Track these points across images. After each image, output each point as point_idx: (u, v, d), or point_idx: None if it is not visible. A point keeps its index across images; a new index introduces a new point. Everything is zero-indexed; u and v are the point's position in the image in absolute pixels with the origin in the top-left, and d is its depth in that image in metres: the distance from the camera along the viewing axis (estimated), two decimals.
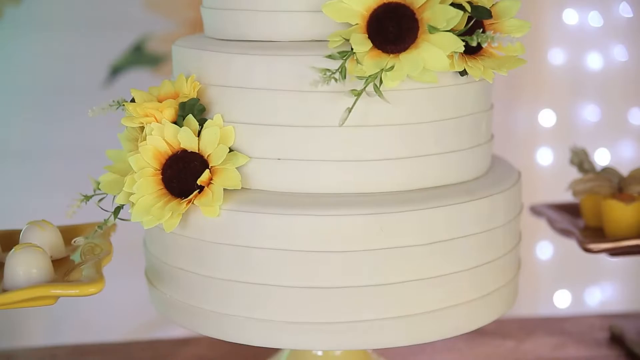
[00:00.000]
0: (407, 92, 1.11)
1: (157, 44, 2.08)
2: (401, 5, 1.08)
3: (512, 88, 2.10)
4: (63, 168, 2.02)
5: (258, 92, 1.13)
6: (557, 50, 2.12)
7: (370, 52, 1.07)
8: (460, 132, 1.17)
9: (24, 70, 2.05)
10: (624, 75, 2.13)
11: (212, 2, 1.23)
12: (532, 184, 2.09)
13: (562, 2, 2.10)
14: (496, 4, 1.15)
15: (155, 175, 1.14)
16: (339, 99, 1.09)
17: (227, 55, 1.15)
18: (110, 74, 2.07)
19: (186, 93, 1.17)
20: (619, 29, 2.11)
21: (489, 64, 1.11)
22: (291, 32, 1.15)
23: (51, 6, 2.02)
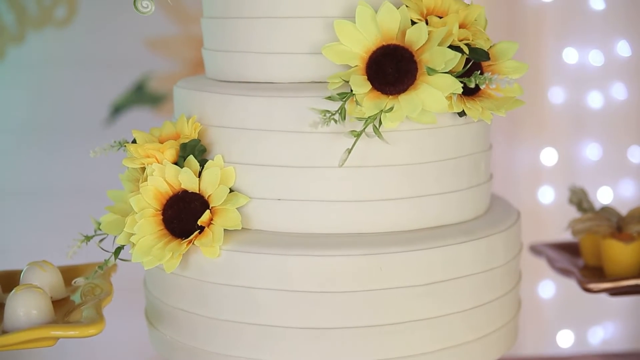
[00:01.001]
0: (406, 132, 1.12)
1: (158, 84, 2.09)
2: (400, 47, 1.09)
3: (514, 126, 2.11)
4: (64, 207, 2.02)
5: (258, 133, 1.14)
6: (558, 89, 2.13)
7: (370, 93, 1.08)
8: (459, 172, 1.18)
9: (25, 108, 2.06)
10: (624, 114, 2.14)
11: (213, 44, 1.25)
12: (534, 222, 2.09)
13: (562, 41, 2.11)
14: (494, 46, 1.16)
15: (156, 216, 1.14)
16: (338, 140, 1.10)
17: (227, 96, 1.16)
18: (112, 113, 2.09)
19: (187, 134, 1.17)
20: (618, 67, 2.12)
21: (487, 105, 1.12)
22: (291, 73, 1.16)
23: (53, 45, 2.04)
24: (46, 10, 2.03)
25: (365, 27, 1.09)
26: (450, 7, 1.13)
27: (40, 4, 2.02)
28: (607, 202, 2.11)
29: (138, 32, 2.05)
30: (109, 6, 2.03)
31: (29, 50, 2.03)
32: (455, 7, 1.13)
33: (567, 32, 2.11)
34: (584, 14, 2.10)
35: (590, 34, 2.10)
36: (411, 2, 1.12)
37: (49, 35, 2.03)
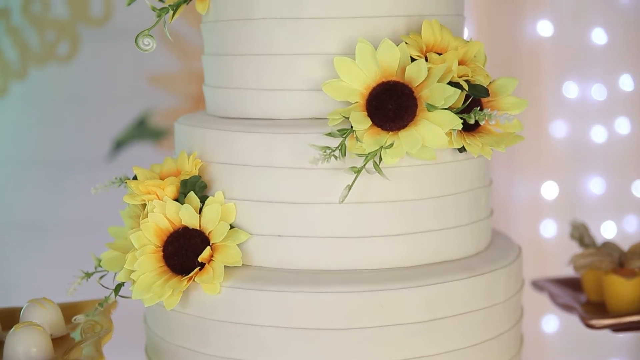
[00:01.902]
0: (406, 168, 1.12)
1: (160, 119, 2.10)
2: (400, 83, 1.10)
3: (515, 160, 2.11)
4: (65, 243, 2.02)
5: (259, 169, 1.14)
6: (560, 123, 2.14)
7: (370, 129, 1.08)
8: (459, 208, 1.18)
9: (27, 144, 2.07)
10: (627, 148, 2.14)
11: (214, 81, 1.25)
12: (536, 256, 2.08)
13: (563, 75, 2.12)
14: (493, 82, 1.17)
15: (156, 253, 1.14)
16: (338, 176, 1.10)
17: (227, 133, 1.17)
18: (114, 148, 2.09)
19: (188, 170, 1.18)
20: (622, 101, 2.13)
21: (487, 141, 1.12)
22: (291, 110, 1.17)
23: (55, 81, 2.06)
24: (49, 47, 2.04)
25: (365, 64, 1.10)
26: (450, 44, 1.14)
27: (43, 40, 2.04)
28: (610, 237, 2.10)
29: (140, 67, 2.07)
30: (111, 42, 2.05)
31: (32, 86, 2.04)
32: (454, 44, 1.14)
33: (567, 66, 2.12)
34: (586, 48, 2.11)
35: (592, 67, 2.11)
36: (410, 39, 1.12)
37: (52, 71, 2.05)
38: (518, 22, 2.10)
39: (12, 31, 2.02)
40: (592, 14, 2.09)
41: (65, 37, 2.05)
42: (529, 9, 2.09)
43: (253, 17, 1.16)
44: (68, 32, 2.05)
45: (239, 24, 1.18)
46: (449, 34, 1.15)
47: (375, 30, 1.14)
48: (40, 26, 2.03)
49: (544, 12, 2.10)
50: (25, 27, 2.03)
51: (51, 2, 2.04)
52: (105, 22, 2.05)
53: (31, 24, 2.03)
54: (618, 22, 2.09)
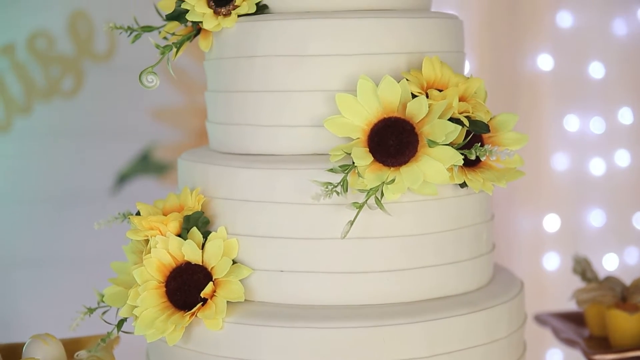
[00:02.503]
0: (408, 204, 1.13)
1: (163, 153, 2.12)
2: (401, 120, 1.10)
3: (517, 193, 2.12)
4: (67, 278, 2.02)
5: (261, 204, 1.15)
6: (561, 156, 2.15)
7: (371, 165, 1.09)
8: (461, 243, 1.18)
9: (31, 179, 2.08)
10: (627, 181, 2.14)
11: (217, 117, 1.26)
12: (539, 289, 2.08)
13: (563, 109, 2.13)
14: (494, 118, 1.17)
15: (159, 288, 1.14)
16: (340, 212, 1.11)
17: (230, 169, 1.17)
18: (117, 182, 2.10)
19: (191, 206, 1.18)
20: (621, 134, 2.14)
21: (488, 177, 1.13)
22: (293, 146, 1.18)
23: (60, 116, 2.07)
24: (54, 82, 2.06)
25: (366, 101, 1.11)
26: (450, 81, 1.15)
27: (47, 75, 2.06)
28: (612, 269, 2.10)
29: (144, 102, 2.08)
30: (115, 77, 2.07)
31: (36, 121, 2.06)
32: (455, 81, 1.15)
33: (567, 99, 2.13)
34: (584, 82, 2.12)
35: (591, 101, 2.13)
36: (411, 75, 1.13)
37: (56, 106, 2.06)
38: (518, 56, 2.11)
39: (17, 67, 2.04)
40: (590, 47, 2.11)
41: (69, 72, 2.07)
42: (529, 43, 2.11)
43: (256, 55, 1.18)
44: (73, 67, 2.07)
45: (242, 61, 1.19)
46: (449, 70, 1.16)
47: (377, 67, 1.15)
48: (45, 62, 2.05)
49: (544, 46, 2.11)
50: (30, 63, 2.05)
51: (56, 38, 2.06)
52: (110, 57, 2.07)
53: (36, 60, 2.05)
54: (616, 55, 2.11)
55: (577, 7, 2.10)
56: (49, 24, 2.04)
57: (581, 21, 2.11)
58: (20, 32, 2.03)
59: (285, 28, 1.16)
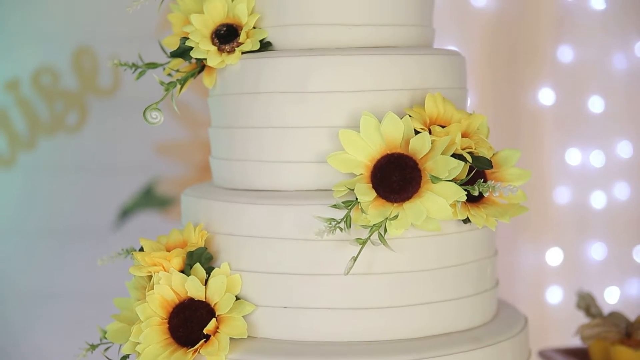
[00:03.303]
0: (411, 240, 1.13)
1: (167, 187, 2.12)
2: (404, 156, 1.11)
3: (519, 227, 2.12)
4: (70, 313, 2.02)
5: (264, 240, 1.15)
6: (563, 189, 2.15)
7: (375, 201, 1.09)
8: (464, 279, 1.18)
9: (34, 212, 2.08)
10: (627, 213, 2.15)
11: (220, 153, 1.27)
12: (543, 323, 2.07)
13: (565, 143, 2.14)
14: (497, 154, 1.18)
15: (161, 325, 1.14)
16: (344, 248, 1.11)
17: (234, 204, 1.17)
18: (120, 217, 2.10)
19: (194, 242, 1.18)
20: (621, 167, 2.14)
21: (491, 212, 1.13)
22: (297, 182, 1.18)
23: (63, 151, 2.08)
24: (58, 117, 2.07)
25: (369, 137, 1.11)
26: (453, 117, 1.16)
27: (52, 110, 2.07)
28: (613, 302, 2.10)
29: (147, 136, 2.09)
30: (119, 112, 2.08)
31: (40, 155, 2.06)
32: (457, 117, 1.16)
33: (569, 133, 2.14)
34: (585, 116, 2.13)
35: (591, 135, 2.13)
36: (414, 112, 1.14)
37: (60, 141, 2.07)
38: (519, 90, 2.12)
39: (21, 102, 2.05)
40: (591, 81, 2.12)
41: (74, 107, 2.08)
42: (530, 78, 2.12)
43: (259, 91, 1.18)
44: (77, 102, 2.08)
45: (246, 98, 1.20)
46: (452, 106, 1.16)
47: (379, 103, 1.15)
48: (50, 97, 2.06)
49: (545, 81, 2.13)
50: (35, 98, 2.06)
51: (60, 73, 2.07)
52: (114, 92, 2.09)
53: (41, 95, 2.06)
54: (615, 89, 2.12)
55: (577, 42, 2.12)
56: (53, 59, 2.06)
57: (581, 56, 2.12)
58: (25, 67, 2.04)
59: (288, 65, 1.17)
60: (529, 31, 2.11)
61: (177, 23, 1.27)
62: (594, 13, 2.11)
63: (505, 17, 2.10)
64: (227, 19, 1.22)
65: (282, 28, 1.21)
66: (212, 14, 1.22)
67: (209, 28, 1.22)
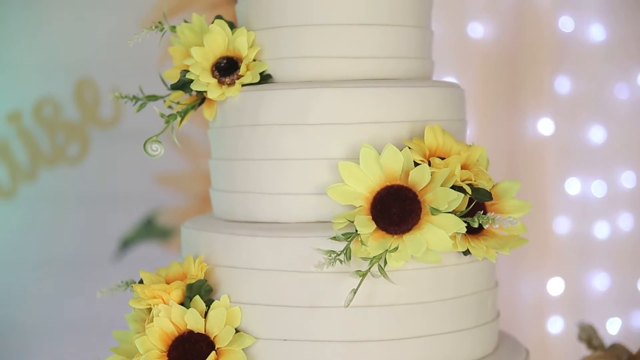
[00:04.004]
0: (411, 272, 1.13)
1: (167, 218, 2.12)
2: (403, 187, 1.11)
3: (519, 257, 2.12)
4: (69, 344, 2.01)
5: (264, 273, 1.14)
6: (563, 219, 2.15)
7: (375, 233, 1.09)
8: (465, 311, 1.17)
9: (35, 243, 2.08)
10: (631, 244, 2.14)
11: (220, 185, 1.27)
12: (544, 354, 2.06)
13: (565, 172, 2.14)
14: (496, 185, 1.18)
15: (161, 358, 1.13)
16: (344, 280, 1.10)
17: (234, 237, 1.17)
18: (121, 248, 2.10)
19: (194, 274, 1.18)
20: (624, 198, 2.14)
21: (491, 244, 1.13)
22: (297, 213, 1.18)
23: (64, 182, 2.08)
24: (59, 148, 2.08)
25: (369, 169, 1.12)
26: (452, 149, 1.16)
27: (53, 142, 2.08)
28: (616, 333, 2.09)
29: (148, 167, 2.09)
30: (120, 143, 2.08)
31: (41, 187, 2.07)
32: (457, 149, 1.16)
33: (569, 163, 2.14)
34: (584, 146, 2.14)
35: (591, 164, 2.14)
36: (414, 144, 1.14)
37: (61, 173, 2.08)
38: (519, 121, 2.13)
39: (23, 134, 2.05)
40: (591, 111, 2.13)
41: (75, 138, 2.09)
42: (529, 109, 2.12)
43: (259, 123, 1.19)
44: (78, 134, 2.08)
45: (246, 130, 1.20)
46: (451, 138, 1.17)
47: (379, 135, 1.16)
48: (51, 128, 2.07)
49: (544, 111, 2.13)
50: (36, 130, 2.06)
51: (62, 105, 2.08)
52: (115, 123, 2.09)
53: (42, 127, 2.07)
54: (616, 119, 2.12)
55: (576, 72, 2.13)
56: (55, 91, 2.07)
57: (581, 86, 2.13)
58: (27, 99, 2.05)
59: (287, 97, 1.18)
60: (527, 61, 2.12)
61: (178, 56, 1.28)
62: (594, 44, 2.12)
63: (503, 47, 2.11)
64: (227, 52, 1.23)
65: (282, 60, 1.22)
66: (213, 46, 1.23)
67: (209, 61, 1.22)
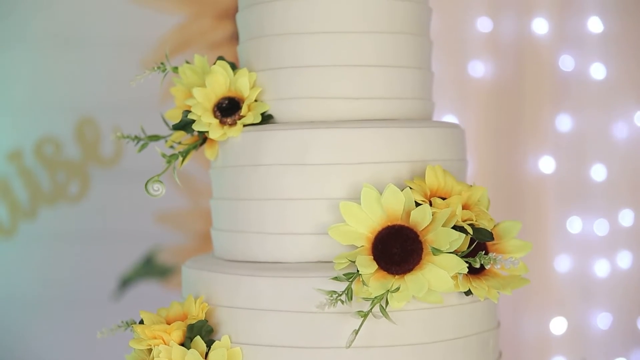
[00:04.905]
0: (413, 312, 1.12)
1: (167, 256, 2.11)
2: (405, 227, 1.11)
3: (521, 296, 2.11)
4: None
5: (265, 313, 1.14)
6: (564, 257, 2.14)
7: (376, 273, 1.09)
8: (468, 352, 1.17)
9: (34, 282, 2.07)
10: (631, 282, 2.13)
11: (221, 224, 1.27)
12: None
13: (566, 211, 2.14)
14: (497, 225, 1.18)
15: None
16: (345, 321, 1.10)
17: (235, 277, 1.17)
18: (120, 286, 2.10)
19: (194, 314, 1.18)
20: (623, 236, 2.14)
21: (493, 284, 1.12)
22: (298, 253, 1.18)
23: (64, 220, 2.08)
24: (59, 187, 2.08)
25: (370, 209, 1.12)
26: (454, 189, 1.16)
27: (54, 180, 2.08)
28: None
29: (148, 205, 2.09)
30: (120, 181, 2.08)
31: (41, 225, 2.06)
32: (458, 189, 1.16)
33: (570, 201, 2.14)
34: (586, 184, 2.14)
35: (592, 203, 2.14)
36: (415, 184, 1.14)
37: (61, 211, 2.07)
38: (519, 159, 2.13)
39: (23, 172, 2.06)
40: (591, 150, 2.13)
41: (75, 177, 2.09)
42: (530, 147, 2.13)
43: (261, 163, 1.19)
44: (79, 172, 2.09)
45: (247, 170, 1.21)
46: (452, 178, 1.17)
47: (380, 175, 1.16)
48: (52, 167, 2.07)
49: (544, 149, 2.14)
50: (37, 168, 2.07)
51: (63, 143, 2.08)
52: (116, 162, 2.10)
53: (43, 165, 2.07)
54: (616, 157, 2.13)
55: (576, 111, 2.14)
56: (56, 129, 2.08)
57: (581, 124, 2.14)
58: (28, 137, 2.06)
59: (288, 137, 1.18)
60: (528, 100, 2.12)
61: (180, 96, 1.29)
62: (594, 82, 2.13)
63: (504, 86, 2.12)
64: (229, 92, 1.23)
65: (283, 101, 1.23)
66: (214, 87, 1.23)
67: (211, 101, 1.23)
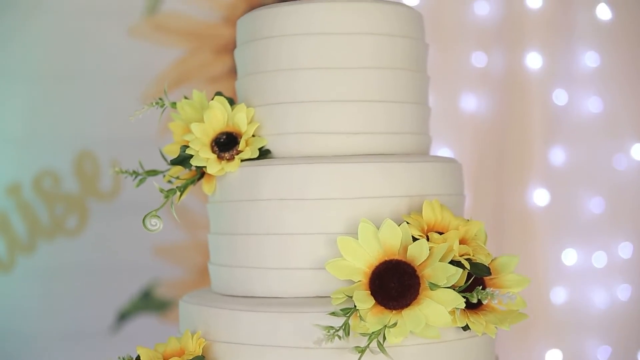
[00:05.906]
0: (410, 347, 1.12)
1: (165, 290, 2.11)
2: (402, 262, 1.11)
3: (518, 329, 2.10)
4: None
5: (263, 349, 1.14)
6: (559, 290, 2.14)
7: (373, 308, 1.09)
8: None
9: (32, 316, 2.07)
10: (630, 315, 2.13)
11: (219, 259, 1.27)
12: None
13: (561, 243, 2.14)
14: (495, 260, 1.18)
15: None
16: (343, 356, 1.10)
17: (232, 312, 1.17)
18: (118, 320, 2.09)
19: (192, 350, 1.17)
20: (621, 268, 2.14)
21: (491, 319, 1.12)
22: (295, 288, 1.18)
23: (62, 254, 2.08)
24: (58, 221, 2.08)
25: (367, 244, 1.12)
26: (451, 224, 1.16)
27: (52, 214, 2.08)
28: None
29: (146, 239, 2.09)
30: (119, 215, 2.08)
31: (39, 259, 2.06)
32: (455, 224, 1.16)
33: (564, 234, 2.14)
34: (583, 216, 2.14)
35: (588, 235, 2.13)
36: (412, 218, 1.15)
37: (59, 245, 2.07)
38: (513, 192, 2.13)
39: (22, 206, 2.06)
40: (585, 182, 2.14)
41: (74, 211, 2.09)
42: (523, 180, 2.13)
43: (258, 198, 1.20)
44: (77, 206, 2.09)
45: (245, 205, 1.21)
46: (449, 213, 1.17)
47: (377, 210, 1.16)
48: (50, 201, 2.07)
49: (538, 182, 2.14)
50: (36, 202, 2.07)
51: (62, 177, 2.09)
52: (115, 196, 2.10)
53: (41, 199, 2.07)
54: (610, 190, 2.13)
55: (569, 144, 2.14)
56: (55, 163, 2.08)
57: (575, 156, 2.14)
58: (27, 171, 2.06)
59: (286, 172, 1.19)
60: (520, 133, 2.13)
61: (178, 131, 1.30)
62: (589, 115, 2.13)
63: (497, 119, 2.13)
64: (227, 128, 1.24)
65: (281, 136, 1.23)
66: (212, 122, 1.24)
67: (209, 136, 1.24)
